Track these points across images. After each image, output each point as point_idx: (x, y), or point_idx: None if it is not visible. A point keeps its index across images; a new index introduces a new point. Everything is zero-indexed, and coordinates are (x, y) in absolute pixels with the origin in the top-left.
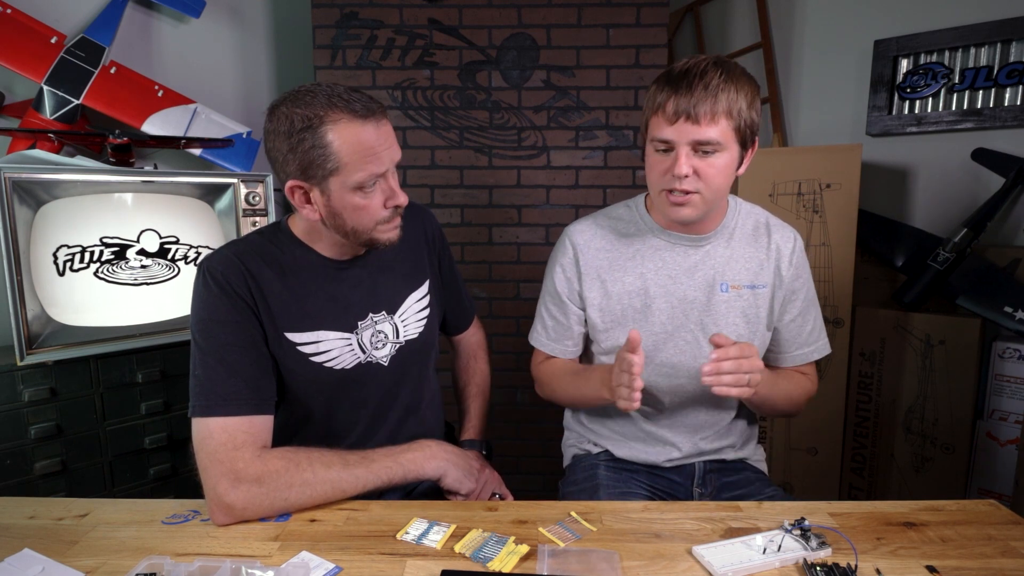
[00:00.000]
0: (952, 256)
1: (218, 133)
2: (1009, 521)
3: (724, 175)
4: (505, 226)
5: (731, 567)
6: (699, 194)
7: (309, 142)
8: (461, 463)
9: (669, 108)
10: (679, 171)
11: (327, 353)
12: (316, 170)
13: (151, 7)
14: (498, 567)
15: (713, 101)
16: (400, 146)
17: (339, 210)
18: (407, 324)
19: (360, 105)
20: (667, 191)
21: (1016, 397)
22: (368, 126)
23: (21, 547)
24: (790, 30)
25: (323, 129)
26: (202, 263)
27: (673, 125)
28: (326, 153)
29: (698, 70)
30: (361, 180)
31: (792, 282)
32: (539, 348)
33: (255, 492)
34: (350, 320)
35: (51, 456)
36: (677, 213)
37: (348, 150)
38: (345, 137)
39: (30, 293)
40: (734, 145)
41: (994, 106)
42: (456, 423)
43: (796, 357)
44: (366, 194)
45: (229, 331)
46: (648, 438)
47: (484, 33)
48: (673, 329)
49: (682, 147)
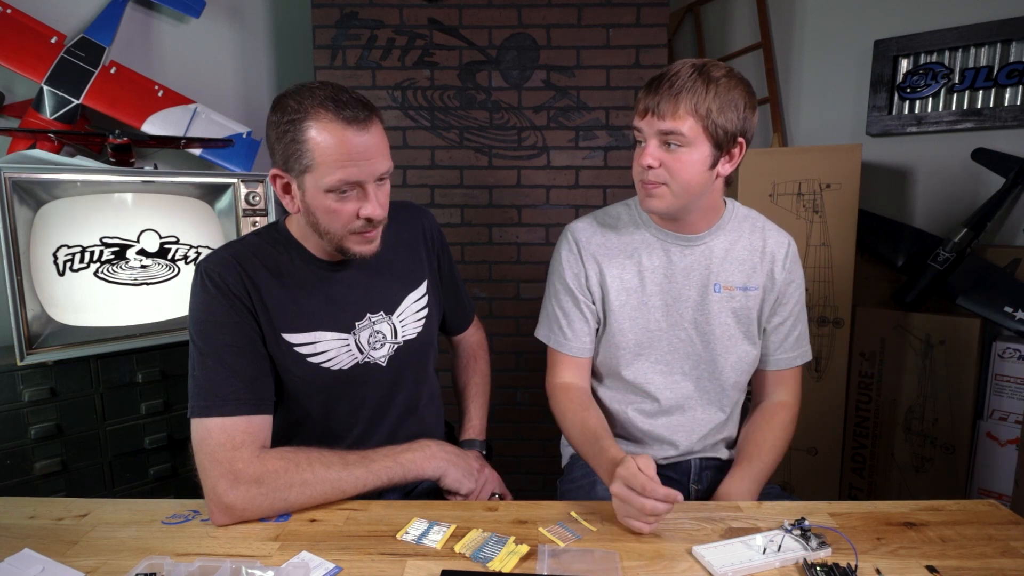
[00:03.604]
0: (952, 256)
1: (218, 133)
2: (1009, 521)
3: (692, 171)
4: (505, 226)
5: (731, 567)
6: (667, 186)
7: (291, 135)
8: (461, 463)
9: (640, 105)
10: (644, 160)
11: (324, 354)
12: (294, 163)
13: (151, 7)
14: (498, 567)
15: (675, 101)
16: (400, 146)
17: (312, 208)
18: (405, 324)
19: (350, 111)
20: (641, 182)
21: (1016, 397)
22: (350, 131)
23: (21, 547)
24: (790, 30)
25: (305, 125)
26: (199, 265)
27: (643, 119)
28: (302, 149)
29: (671, 72)
30: (332, 184)
31: (784, 286)
32: (555, 347)
33: (254, 492)
34: (347, 321)
35: (51, 456)
36: (645, 203)
37: (323, 151)
38: (323, 137)
39: (30, 293)
40: (704, 144)
41: (994, 106)
42: (456, 423)
43: (779, 361)
44: (339, 198)
45: (227, 332)
46: (645, 438)
47: (484, 33)
48: (668, 326)
49: (650, 139)
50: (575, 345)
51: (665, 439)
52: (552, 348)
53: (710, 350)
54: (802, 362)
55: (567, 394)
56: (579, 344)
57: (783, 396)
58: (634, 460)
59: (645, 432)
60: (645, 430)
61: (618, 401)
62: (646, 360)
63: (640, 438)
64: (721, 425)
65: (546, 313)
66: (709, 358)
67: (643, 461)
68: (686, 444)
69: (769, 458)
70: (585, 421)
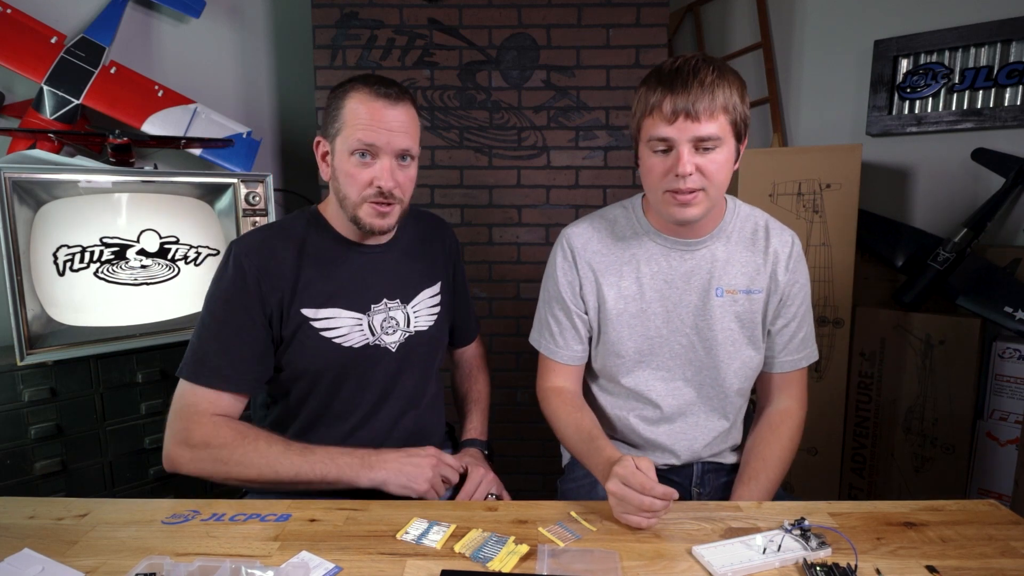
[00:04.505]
0: (952, 256)
1: (218, 133)
2: (1009, 521)
3: (725, 171)
4: (505, 226)
5: (731, 567)
6: (704, 191)
7: (334, 104)
8: (406, 471)
9: (667, 107)
10: (683, 170)
11: (337, 330)
12: (330, 127)
13: (151, 7)
14: (498, 567)
15: (711, 97)
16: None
17: (337, 172)
18: (419, 315)
19: (383, 88)
20: (671, 192)
21: (1016, 397)
22: (379, 103)
23: (21, 547)
24: (790, 30)
25: (346, 95)
26: (232, 243)
27: (672, 124)
28: (338, 114)
29: (689, 67)
30: (354, 144)
31: (788, 287)
32: (546, 354)
33: (200, 455)
34: (364, 302)
35: (51, 456)
36: (683, 213)
37: (353, 114)
38: (355, 104)
39: (30, 293)
40: (731, 139)
41: (994, 106)
42: (456, 423)
43: (784, 364)
44: (359, 163)
45: (232, 312)
46: (647, 445)
47: (484, 33)
48: (668, 333)
49: (683, 145)
50: (566, 353)
51: (666, 448)
52: (543, 354)
53: (712, 356)
54: (808, 363)
55: (559, 396)
56: (570, 353)
57: (788, 402)
58: (633, 460)
59: (646, 440)
60: (647, 437)
61: (619, 407)
62: (647, 367)
63: (641, 445)
64: (725, 434)
65: (539, 319)
66: (712, 364)
67: (643, 463)
68: (687, 455)
69: (775, 473)
70: (579, 422)
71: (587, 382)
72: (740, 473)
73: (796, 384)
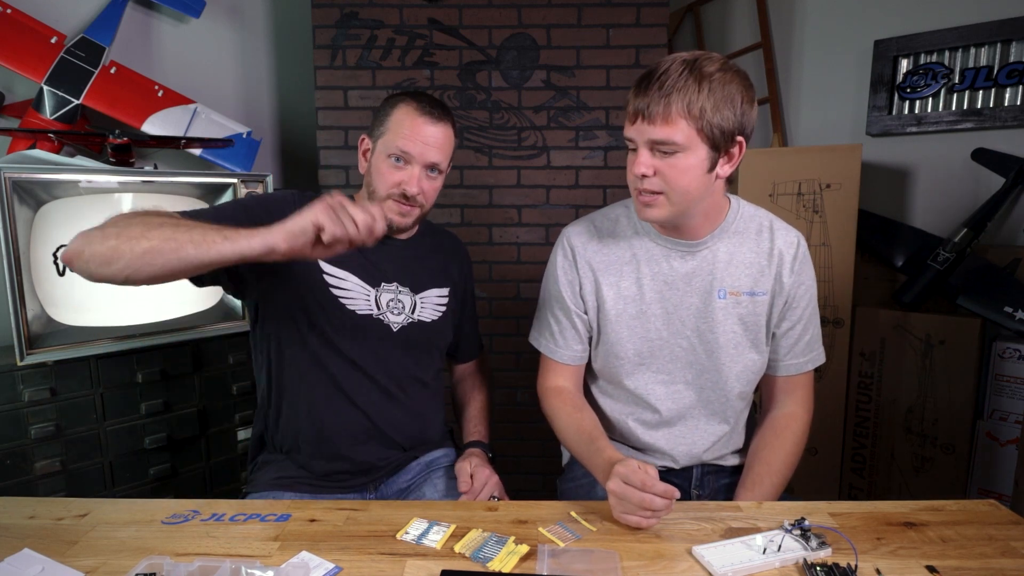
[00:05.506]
0: (952, 256)
1: (218, 133)
2: (1009, 521)
3: (689, 177)
4: (505, 226)
5: (731, 567)
6: (664, 195)
7: (384, 110)
8: (294, 218)
9: (630, 107)
10: (637, 170)
11: (346, 291)
12: (376, 128)
13: (151, 7)
14: (498, 567)
15: (666, 102)
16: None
17: (372, 168)
18: (425, 306)
19: (428, 106)
20: (636, 191)
21: (1016, 397)
22: (421, 119)
23: (21, 547)
24: (790, 30)
25: (395, 105)
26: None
27: (633, 125)
28: (384, 120)
29: (662, 70)
30: (391, 150)
31: (793, 289)
32: (546, 354)
33: (95, 232)
34: (376, 278)
35: (51, 456)
36: (643, 213)
37: (397, 124)
38: (401, 116)
39: (30, 293)
40: (700, 147)
41: (994, 106)
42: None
43: (789, 367)
44: (392, 166)
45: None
46: (647, 448)
47: (484, 33)
48: (669, 335)
49: (641, 147)
50: (566, 353)
51: (665, 452)
52: (544, 354)
53: (714, 359)
54: (814, 366)
55: (560, 396)
56: (570, 352)
57: (792, 406)
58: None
59: (645, 444)
60: (645, 441)
61: (618, 411)
62: (647, 370)
63: (639, 448)
64: (726, 438)
65: (539, 318)
66: (713, 367)
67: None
68: (686, 459)
69: (779, 478)
70: (580, 422)
71: (587, 383)
72: (743, 478)
73: (801, 387)
